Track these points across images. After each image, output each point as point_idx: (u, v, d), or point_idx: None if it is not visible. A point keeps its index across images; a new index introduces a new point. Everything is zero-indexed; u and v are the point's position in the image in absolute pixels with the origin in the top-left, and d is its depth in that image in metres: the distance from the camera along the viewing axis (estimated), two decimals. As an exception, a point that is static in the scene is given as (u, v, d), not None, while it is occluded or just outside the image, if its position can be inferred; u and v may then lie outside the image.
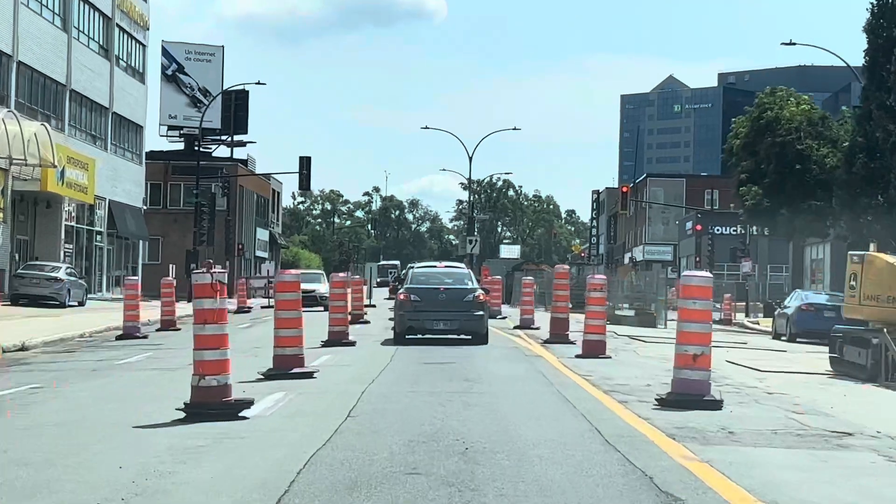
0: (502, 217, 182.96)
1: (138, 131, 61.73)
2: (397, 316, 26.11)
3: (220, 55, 78.31)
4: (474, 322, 25.20)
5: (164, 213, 75.24)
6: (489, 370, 17.73)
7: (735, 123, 47.56)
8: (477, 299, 25.50)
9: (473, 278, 27.27)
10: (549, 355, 21.24)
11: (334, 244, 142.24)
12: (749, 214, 46.02)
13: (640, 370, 18.39)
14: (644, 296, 65.74)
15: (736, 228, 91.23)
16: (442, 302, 25.42)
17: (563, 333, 25.47)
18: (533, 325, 32.82)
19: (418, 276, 28.74)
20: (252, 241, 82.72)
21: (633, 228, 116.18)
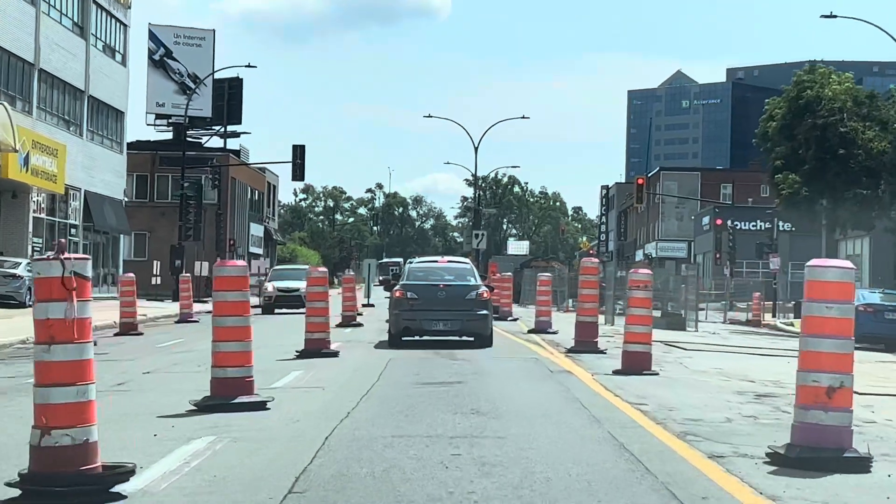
0: (508, 214, 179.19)
1: (119, 117, 57.35)
2: (392, 315, 23.43)
3: (210, 39, 73.95)
4: (477, 322, 22.83)
5: (150, 207, 70.93)
6: (507, 395, 13.33)
7: (769, 105, 43.06)
8: (480, 297, 23.01)
9: (476, 274, 24.52)
10: (579, 370, 16.82)
11: (334, 241, 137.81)
12: (785, 205, 41.55)
13: (703, 394, 13.99)
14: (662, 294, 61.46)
15: (756, 223, 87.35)
16: (441, 300, 22.92)
17: (592, 341, 21.09)
18: (550, 329, 28.47)
19: (416, 271, 24.99)
20: (245, 236, 78.37)
21: (644, 224, 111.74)
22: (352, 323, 31.00)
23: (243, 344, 11.55)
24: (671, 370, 17.46)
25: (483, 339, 22.74)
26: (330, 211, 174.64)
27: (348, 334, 27.52)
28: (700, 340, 28.00)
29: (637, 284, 16.58)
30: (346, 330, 29.38)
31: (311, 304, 19.15)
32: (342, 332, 28.03)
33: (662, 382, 15.30)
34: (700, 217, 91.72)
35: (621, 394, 13.52)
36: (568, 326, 32.19)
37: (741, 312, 51.77)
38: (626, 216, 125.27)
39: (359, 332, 28.67)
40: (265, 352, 20.38)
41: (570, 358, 19.60)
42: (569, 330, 30.36)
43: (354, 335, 27.07)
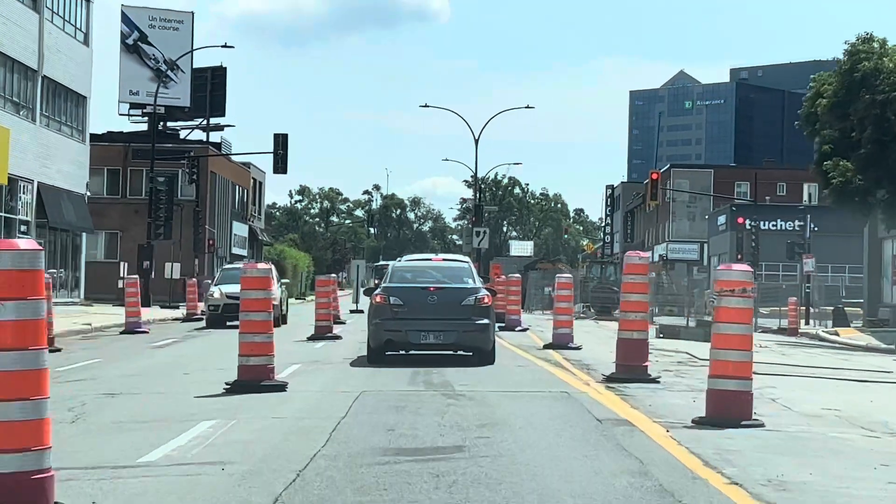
0: (508, 216, 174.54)
1: (81, 102, 51.57)
2: (371, 326, 18.78)
3: (189, 23, 68.14)
4: (476, 334, 18.41)
5: (123, 204, 65.13)
6: (545, 486, 7.53)
7: (815, 81, 37.25)
8: (480, 303, 18.60)
9: (475, 275, 19.89)
10: (642, 420, 11.07)
11: (327, 242, 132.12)
12: (835, 197, 35.70)
13: (867, 471, 8.28)
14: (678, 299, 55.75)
15: (776, 222, 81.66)
16: (432, 307, 18.45)
17: (640, 365, 15.39)
18: (572, 344, 22.73)
19: (402, 271, 19.91)
20: (227, 236, 72.57)
21: (653, 225, 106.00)
22: (326, 335, 25.31)
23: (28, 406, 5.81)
24: (771, 414, 11.72)
25: (483, 355, 18.43)
26: (326, 213, 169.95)
27: (318, 351, 21.85)
28: (762, 359, 22.25)
29: (730, 288, 10.86)
30: (318, 345, 23.71)
31: (247, 315, 13.40)
32: (310, 349, 22.40)
33: (786, 446, 9.56)
34: (715, 216, 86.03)
35: (738, 476, 7.78)
36: (589, 339, 26.52)
37: (767, 319, 46.16)
38: (632, 216, 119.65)
39: (333, 347, 22.97)
40: (186, 382, 14.71)
41: (613, 391, 13.89)
42: (593, 345, 24.75)
43: (326, 352, 21.38)
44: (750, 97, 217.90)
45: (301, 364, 18.07)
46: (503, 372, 16.88)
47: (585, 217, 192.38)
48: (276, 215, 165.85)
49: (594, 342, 25.83)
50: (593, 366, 18.28)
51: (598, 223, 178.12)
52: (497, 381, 15.37)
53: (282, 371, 16.46)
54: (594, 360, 19.71)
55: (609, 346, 25.79)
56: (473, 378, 15.64)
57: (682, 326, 31.67)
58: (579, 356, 20.56)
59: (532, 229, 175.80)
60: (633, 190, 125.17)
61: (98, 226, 62.32)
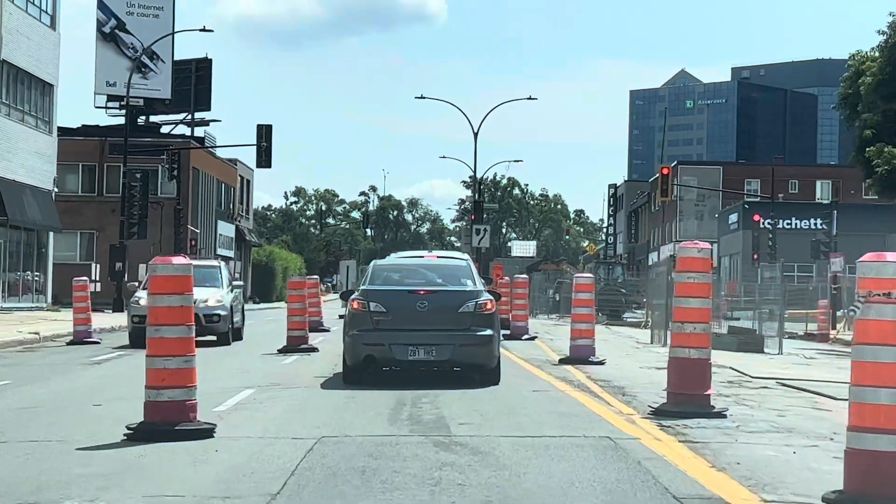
0: (507, 217, 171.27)
1: (47, 91, 47.56)
2: (348, 339, 14.98)
3: (169, 10, 64.06)
4: (476, 349, 14.69)
5: (99, 202, 61.13)
6: None
7: (852, 61, 33.34)
8: (481, 309, 14.87)
9: (476, 276, 16.01)
10: (747, 500, 7.06)
11: (320, 244, 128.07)
12: (881, 185, 31.82)
13: None
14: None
15: (790, 220, 77.61)
16: (423, 314, 14.67)
17: (701, 394, 11.43)
18: (594, 358, 18.77)
19: (386, 271, 16.09)
20: (212, 236, 68.54)
21: (659, 225, 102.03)
22: (300, 347, 21.33)
23: None
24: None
25: (486, 374, 14.85)
26: (322, 214, 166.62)
27: (284, 368, 17.87)
28: (818, 376, 18.26)
29: (884, 290, 6.90)
30: (288, 359, 19.73)
31: (157, 331, 9.41)
32: (276, 365, 18.44)
33: None
34: (725, 215, 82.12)
35: None
36: (609, 350, 22.53)
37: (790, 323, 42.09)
38: (636, 216, 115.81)
39: (304, 363, 18.98)
40: (85, 421, 10.81)
41: (672, 433, 9.94)
42: (617, 358, 20.78)
43: (293, 370, 17.40)
44: (752, 96, 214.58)
45: (255, 388, 14.12)
46: (515, 400, 12.92)
47: (586, 218, 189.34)
48: (272, 217, 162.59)
49: (617, 354, 21.90)
50: (629, 389, 14.32)
51: (598, 224, 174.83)
52: (509, 415, 11.41)
53: (225, 400, 12.55)
54: (626, 379, 15.77)
55: (636, 358, 21.97)
56: (476, 410, 11.71)
57: (712, 334, 27.63)
58: (606, 374, 16.60)
59: (532, 231, 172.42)
60: (636, 189, 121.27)
61: (73, 225, 58.50)
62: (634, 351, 23.94)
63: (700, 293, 11.54)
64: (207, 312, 23.19)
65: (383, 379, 14.83)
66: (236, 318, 25.46)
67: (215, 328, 23.64)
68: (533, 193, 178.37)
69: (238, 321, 25.91)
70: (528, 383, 15.11)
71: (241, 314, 26.55)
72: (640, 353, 23.11)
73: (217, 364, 18.51)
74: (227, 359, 20.05)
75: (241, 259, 76.33)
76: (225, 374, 16.48)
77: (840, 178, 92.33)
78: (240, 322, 26.30)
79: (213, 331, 23.60)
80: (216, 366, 18.05)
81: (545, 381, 15.57)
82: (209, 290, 23.79)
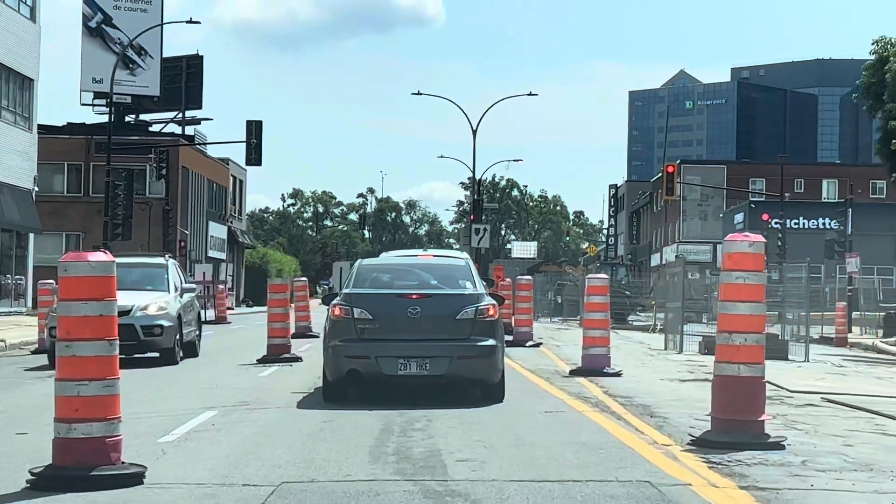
0: (506, 218, 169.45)
1: (26, 85, 45.46)
2: (328, 351, 12.91)
3: (158, 4, 61.93)
4: (477, 362, 12.66)
5: (85, 203, 58.98)
6: None
7: (877, 45, 31.29)
8: (483, 316, 12.85)
9: (476, 277, 13.92)
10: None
11: (316, 245, 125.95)
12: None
13: None
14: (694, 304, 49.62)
15: (798, 220, 75.49)
16: (415, 322, 12.62)
17: (754, 420, 9.35)
18: (609, 369, 16.69)
19: (372, 272, 13.98)
20: (202, 237, 66.37)
21: (661, 225, 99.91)
22: (282, 357, 19.22)
23: None
24: None
25: (488, 390, 12.89)
26: (320, 217, 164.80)
27: (259, 382, 15.79)
28: (861, 388, 16.18)
29: None
30: (266, 371, 17.63)
31: (69, 348, 7.29)
32: (251, 378, 16.35)
33: None
34: (731, 214, 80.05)
35: None
36: (622, 358, 20.39)
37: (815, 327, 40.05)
38: (638, 217, 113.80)
39: (284, 375, 16.89)
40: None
41: (724, 472, 7.91)
42: (634, 368, 18.66)
43: (269, 385, 15.32)
44: (752, 97, 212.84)
45: (219, 410, 12.02)
46: (524, 424, 10.83)
47: (586, 220, 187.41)
48: (269, 220, 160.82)
49: (632, 363, 19.81)
50: (656, 409, 12.25)
51: (598, 225, 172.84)
52: (518, 447, 9.33)
53: (177, 426, 10.47)
54: (649, 395, 13.71)
55: (653, 367, 19.87)
56: (478, 440, 9.65)
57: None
58: (626, 389, 14.51)
59: (531, 232, 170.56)
60: (638, 189, 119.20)
61: (58, 227, 56.46)
62: (649, 359, 21.87)
63: (752, 296, 9.46)
64: (147, 323, 18.77)
65: (369, 396, 12.77)
66: (188, 330, 20.64)
67: (156, 343, 19.02)
68: (532, 195, 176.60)
69: (191, 333, 21.00)
70: (538, 401, 13.02)
71: (195, 325, 21.56)
72: (657, 362, 21.06)
73: (182, 377, 16.46)
74: (197, 371, 17.99)
75: (233, 261, 74.21)
76: (189, 391, 14.43)
77: (847, 176, 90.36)
78: (194, 334, 21.29)
79: (155, 346, 19.11)
80: (181, 379, 16.00)
81: (557, 398, 13.48)
82: (151, 294, 19.58)
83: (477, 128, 59.80)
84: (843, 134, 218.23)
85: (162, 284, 20.24)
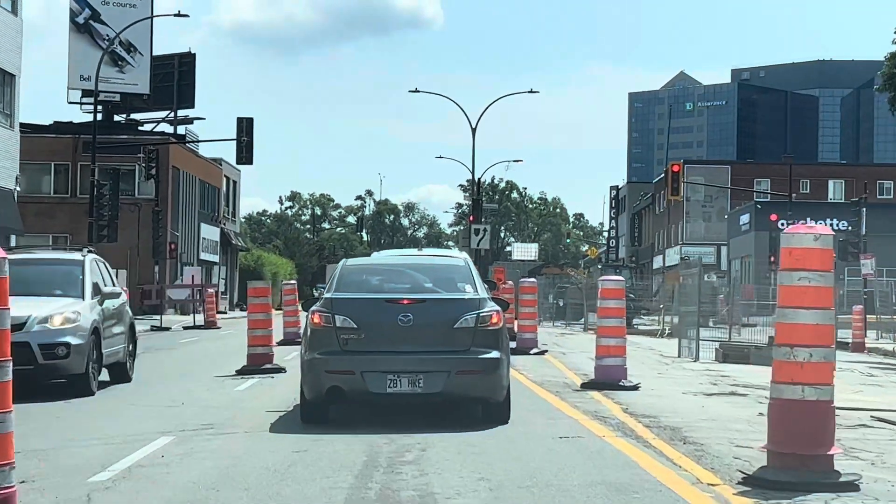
0: (506, 221, 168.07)
1: (8, 81, 43.68)
2: (307, 364, 11.00)
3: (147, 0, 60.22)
4: (478, 378, 10.86)
5: (72, 204, 57.15)
6: None
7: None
8: (486, 324, 11.03)
9: (477, 279, 11.99)
10: None
11: (312, 248, 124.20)
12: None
13: None
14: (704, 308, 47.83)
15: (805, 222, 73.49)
16: (406, 331, 10.81)
17: (821, 455, 7.56)
18: (626, 382, 14.92)
19: (358, 273, 12.28)
20: (194, 239, 64.57)
21: (664, 227, 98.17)
22: (263, 367, 17.44)
23: None
24: None
25: (493, 409, 11.18)
26: (317, 219, 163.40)
27: (234, 397, 14.03)
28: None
29: None
30: (244, 384, 15.83)
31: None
32: (225, 393, 14.60)
33: None
34: (736, 215, 78.26)
35: None
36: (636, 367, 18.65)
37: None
38: (640, 218, 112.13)
39: (261, 389, 15.11)
40: None
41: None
42: (652, 379, 16.87)
43: (243, 401, 13.55)
44: (752, 98, 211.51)
45: (176, 435, 10.25)
46: (537, 456, 9.05)
47: (585, 222, 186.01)
48: (267, 222, 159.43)
49: (648, 374, 18.04)
50: (688, 433, 10.48)
51: (598, 228, 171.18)
52: (531, 487, 7.56)
53: (119, 458, 8.69)
54: (675, 414, 11.95)
55: (672, 378, 18.02)
56: (482, 477, 7.90)
57: (750, 347, 23.81)
58: (647, 406, 12.74)
59: (531, 235, 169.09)
60: (639, 190, 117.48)
61: (44, 229, 54.71)
62: (665, 368, 20.11)
63: (818, 301, 7.68)
64: (47, 340, 14.09)
65: (353, 417, 11.05)
66: (112, 349, 15.75)
67: (61, 367, 14.24)
68: (531, 197, 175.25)
69: (118, 352, 16.10)
70: (550, 423, 11.23)
71: (125, 340, 16.52)
72: (673, 371, 19.31)
73: (148, 390, 14.68)
74: (166, 383, 16.24)
75: (226, 264, 72.43)
76: (149, 408, 12.68)
77: (854, 177, 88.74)
78: (123, 353, 16.36)
79: (58, 371, 14.31)
80: (145, 392, 14.24)
81: (572, 418, 11.69)
82: (57, 301, 14.79)
83: (476, 126, 58.12)
84: (844, 135, 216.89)
85: (74, 288, 15.28)
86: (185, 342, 29.83)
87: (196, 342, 29.87)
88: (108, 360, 15.52)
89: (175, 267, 59.04)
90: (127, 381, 16.31)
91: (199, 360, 22.00)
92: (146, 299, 47.94)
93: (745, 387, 16.00)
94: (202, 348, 27.04)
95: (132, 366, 16.96)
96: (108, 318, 15.67)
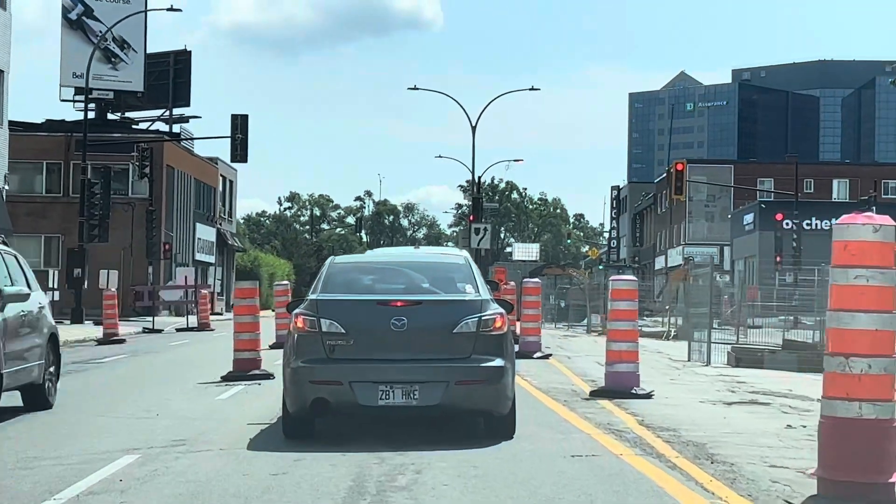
0: (506, 221, 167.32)
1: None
2: (289, 373, 9.86)
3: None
4: (481, 388, 9.76)
5: (64, 203, 56.07)
6: None
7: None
8: (488, 329, 9.91)
9: (479, 279, 10.80)
10: None
11: (311, 249, 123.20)
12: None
13: None
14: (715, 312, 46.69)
15: (810, 221, 72.63)
16: (400, 336, 9.71)
17: (883, 483, 6.42)
18: (638, 390, 13.85)
19: (347, 272, 11.09)
20: (189, 240, 63.47)
21: (666, 227, 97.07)
22: (249, 373, 16.35)
23: None
24: None
25: (496, 423, 10.10)
26: (316, 220, 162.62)
27: (215, 408, 12.94)
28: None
29: None
30: (226, 392, 14.73)
31: None
32: (204, 403, 13.50)
33: None
34: (739, 215, 77.11)
35: None
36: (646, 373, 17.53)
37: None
38: (641, 219, 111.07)
39: (247, 397, 14.02)
40: None
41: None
42: (664, 385, 15.80)
43: (222, 413, 12.45)
44: (753, 98, 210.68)
45: (142, 453, 9.15)
46: (549, 480, 7.96)
47: (586, 223, 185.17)
48: (266, 223, 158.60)
49: (659, 379, 16.96)
50: (713, 448, 9.42)
51: (598, 228, 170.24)
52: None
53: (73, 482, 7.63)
54: (696, 427, 10.87)
55: (685, 384, 16.78)
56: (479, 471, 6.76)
57: (764, 350, 22.69)
58: (664, 417, 11.65)
59: (531, 235, 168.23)
60: (641, 190, 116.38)
61: (35, 229, 53.74)
62: (676, 373, 19.02)
63: (878, 303, 6.58)
64: None
65: (341, 431, 9.95)
66: (20, 366, 12.20)
67: None
68: (532, 197, 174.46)
69: (30, 371, 12.55)
70: (560, 439, 10.12)
71: (39, 356, 12.88)
72: (686, 377, 18.23)
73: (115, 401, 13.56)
74: (138, 391, 15.13)
75: (222, 265, 71.33)
76: (119, 421, 11.58)
77: (858, 176, 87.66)
78: (38, 371, 12.74)
79: None
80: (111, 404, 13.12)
81: (584, 432, 10.58)
82: None
83: (476, 124, 57.06)
84: (846, 135, 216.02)
85: None
86: (175, 345, 28.77)
87: (186, 345, 28.81)
88: (12, 382, 11.95)
89: (169, 268, 57.99)
90: (47, 407, 12.86)
91: (184, 364, 20.93)
92: (139, 301, 46.90)
93: (765, 394, 14.94)
94: (190, 352, 25.98)
95: (54, 388, 13.35)
96: (12, 328, 12.06)
